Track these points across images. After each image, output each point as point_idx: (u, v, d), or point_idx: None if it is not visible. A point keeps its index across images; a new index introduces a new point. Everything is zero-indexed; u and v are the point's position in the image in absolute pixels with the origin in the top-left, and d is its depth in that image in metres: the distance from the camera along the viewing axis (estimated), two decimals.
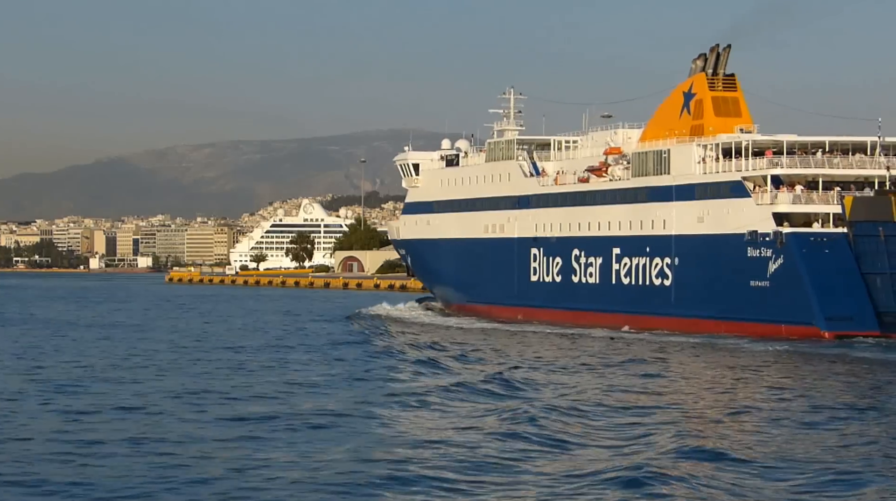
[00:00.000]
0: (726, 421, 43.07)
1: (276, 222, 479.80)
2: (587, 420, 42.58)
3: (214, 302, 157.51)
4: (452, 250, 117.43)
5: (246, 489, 30.87)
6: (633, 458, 34.81)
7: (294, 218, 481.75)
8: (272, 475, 32.62)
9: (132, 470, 33.03)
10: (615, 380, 56.51)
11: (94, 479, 31.97)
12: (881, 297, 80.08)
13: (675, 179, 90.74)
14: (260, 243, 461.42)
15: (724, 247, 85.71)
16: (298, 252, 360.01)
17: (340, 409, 45.77)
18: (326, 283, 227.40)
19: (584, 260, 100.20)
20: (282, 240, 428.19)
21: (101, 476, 32.37)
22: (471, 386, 52.92)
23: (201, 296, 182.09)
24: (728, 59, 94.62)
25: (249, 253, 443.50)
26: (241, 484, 31.39)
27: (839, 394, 51.08)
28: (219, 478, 32.08)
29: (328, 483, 31.47)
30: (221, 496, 30.17)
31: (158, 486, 31.01)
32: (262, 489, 30.92)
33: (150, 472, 32.73)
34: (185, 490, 30.69)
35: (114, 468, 33.38)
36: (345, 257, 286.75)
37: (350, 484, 31.33)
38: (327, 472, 32.89)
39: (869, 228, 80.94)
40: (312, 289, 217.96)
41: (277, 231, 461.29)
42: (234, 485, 31.31)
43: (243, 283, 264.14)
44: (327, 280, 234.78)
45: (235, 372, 61.02)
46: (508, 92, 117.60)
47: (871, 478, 32.05)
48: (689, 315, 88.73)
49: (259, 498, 30.09)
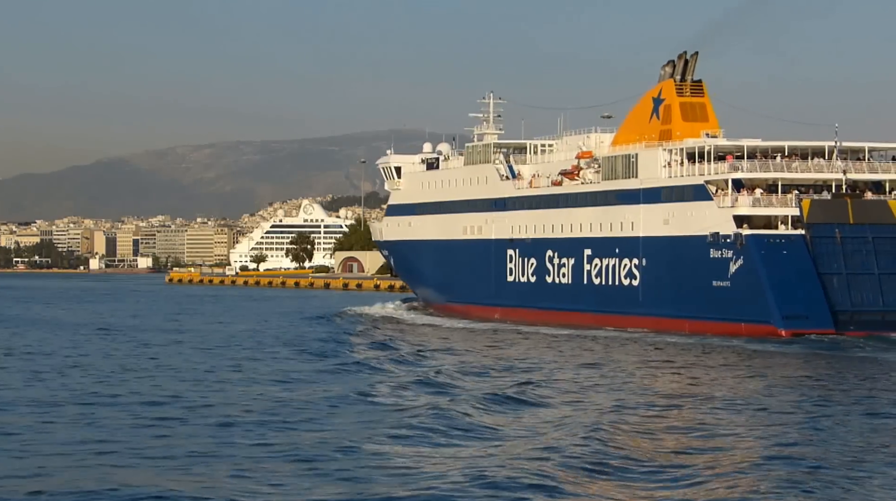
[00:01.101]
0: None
1: (276, 223, 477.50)
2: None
3: (211, 302, 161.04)
4: (433, 251, 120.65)
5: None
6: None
7: (294, 218, 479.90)
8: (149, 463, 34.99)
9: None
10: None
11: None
12: (837, 297, 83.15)
13: (643, 183, 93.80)
14: (260, 244, 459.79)
15: (688, 248, 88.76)
16: (298, 252, 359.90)
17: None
18: (326, 284, 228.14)
19: (557, 261, 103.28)
20: (282, 241, 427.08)
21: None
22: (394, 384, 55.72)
23: (202, 296, 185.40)
24: (696, 66, 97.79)
25: (249, 253, 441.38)
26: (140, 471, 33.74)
27: (729, 390, 53.86)
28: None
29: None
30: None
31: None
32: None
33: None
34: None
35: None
36: (345, 258, 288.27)
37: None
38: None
39: (826, 230, 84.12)
40: (312, 290, 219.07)
41: (277, 231, 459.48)
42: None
43: (243, 284, 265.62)
44: (327, 280, 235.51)
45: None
46: (488, 96, 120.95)
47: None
48: (655, 314, 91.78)
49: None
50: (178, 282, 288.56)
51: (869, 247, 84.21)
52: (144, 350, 76.78)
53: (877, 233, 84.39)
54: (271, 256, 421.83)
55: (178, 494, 30.56)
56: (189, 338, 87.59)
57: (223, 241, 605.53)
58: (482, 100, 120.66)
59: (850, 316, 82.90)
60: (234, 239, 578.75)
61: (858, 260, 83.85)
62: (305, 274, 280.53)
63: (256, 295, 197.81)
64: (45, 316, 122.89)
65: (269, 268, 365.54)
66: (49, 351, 75.21)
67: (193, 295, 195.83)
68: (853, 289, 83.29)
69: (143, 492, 30.66)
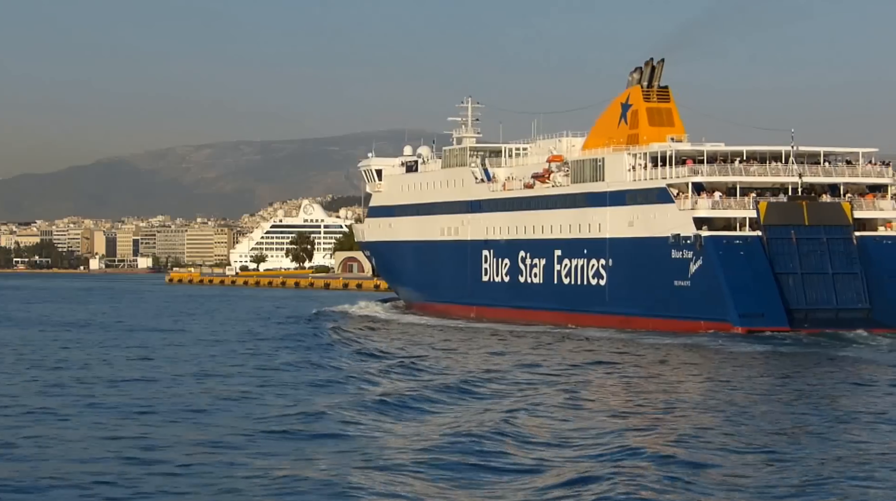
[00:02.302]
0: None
1: (276, 223, 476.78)
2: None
3: (207, 301, 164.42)
4: (412, 252, 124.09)
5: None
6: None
7: (294, 218, 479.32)
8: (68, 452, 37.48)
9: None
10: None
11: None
12: (792, 295, 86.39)
13: (609, 186, 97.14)
14: (260, 244, 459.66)
15: (651, 249, 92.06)
16: (298, 252, 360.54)
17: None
18: (326, 284, 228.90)
19: (529, 261, 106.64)
20: (282, 241, 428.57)
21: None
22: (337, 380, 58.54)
23: (193, 297, 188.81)
24: (662, 73, 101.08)
25: (249, 253, 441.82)
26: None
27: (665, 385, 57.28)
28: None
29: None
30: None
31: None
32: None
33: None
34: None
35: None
36: (345, 258, 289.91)
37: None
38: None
39: (781, 232, 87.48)
40: (312, 290, 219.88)
41: (277, 231, 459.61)
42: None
43: (243, 284, 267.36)
44: (327, 280, 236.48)
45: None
46: (466, 101, 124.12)
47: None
48: (621, 312, 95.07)
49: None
50: (178, 283, 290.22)
51: (823, 247, 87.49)
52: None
53: (831, 235, 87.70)
54: (271, 256, 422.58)
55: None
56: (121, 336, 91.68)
57: (223, 241, 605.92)
58: (461, 105, 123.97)
59: (804, 314, 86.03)
60: (234, 239, 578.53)
61: (813, 260, 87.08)
62: (305, 274, 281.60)
63: (234, 293, 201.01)
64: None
65: (269, 269, 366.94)
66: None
67: (184, 295, 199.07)
68: (808, 288, 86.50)
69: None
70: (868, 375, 59.99)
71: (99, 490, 31.68)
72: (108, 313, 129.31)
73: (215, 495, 31.35)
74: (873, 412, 46.37)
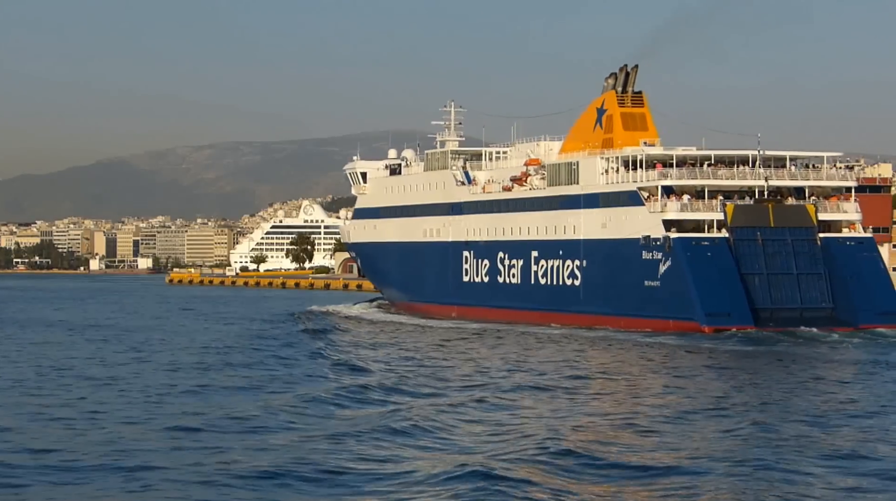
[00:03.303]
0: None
1: (277, 223, 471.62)
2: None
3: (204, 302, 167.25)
4: (396, 253, 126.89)
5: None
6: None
7: (294, 219, 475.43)
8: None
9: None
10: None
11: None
12: (758, 295, 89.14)
13: (583, 189, 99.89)
14: (260, 244, 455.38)
15: (622, 250, 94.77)
16: (299, 253, 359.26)
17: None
18: (327, 284, 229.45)
19: (507, 262, 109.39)
20: (282, 242, 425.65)
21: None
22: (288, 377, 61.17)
23: (185, 297, 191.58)
24: (636, 78, 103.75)
25: (249, 254, 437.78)
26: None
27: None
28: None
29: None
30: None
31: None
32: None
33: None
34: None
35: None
36: (345, 258, 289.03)
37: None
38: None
39: (748, 233, 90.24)
40: (312, 291, 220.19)
41: (277, 232, 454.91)
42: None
43: (243, 285, 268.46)
44: (328, 281, 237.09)
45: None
46: (449, 105, 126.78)
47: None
48: (594, 312, 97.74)
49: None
50: (178, 283, 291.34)
51: (788, 248, 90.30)
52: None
53: (796, 236, 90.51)
54: (271, 257, 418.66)
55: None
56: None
57: (223, 242, 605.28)
58: (444, 109, 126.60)
59: (770, 313, 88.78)
60: (235, 239, 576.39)
61: (778, 260, 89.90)
62: (305, 274, 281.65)
63: (240, 295, 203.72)
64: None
65: (269, 269, 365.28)
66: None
67: (183, 296, 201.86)
68: (773, 288, 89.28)
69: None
70: (820, 372, 62.71)
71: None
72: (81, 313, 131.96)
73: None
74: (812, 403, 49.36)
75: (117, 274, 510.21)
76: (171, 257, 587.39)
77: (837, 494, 31.90)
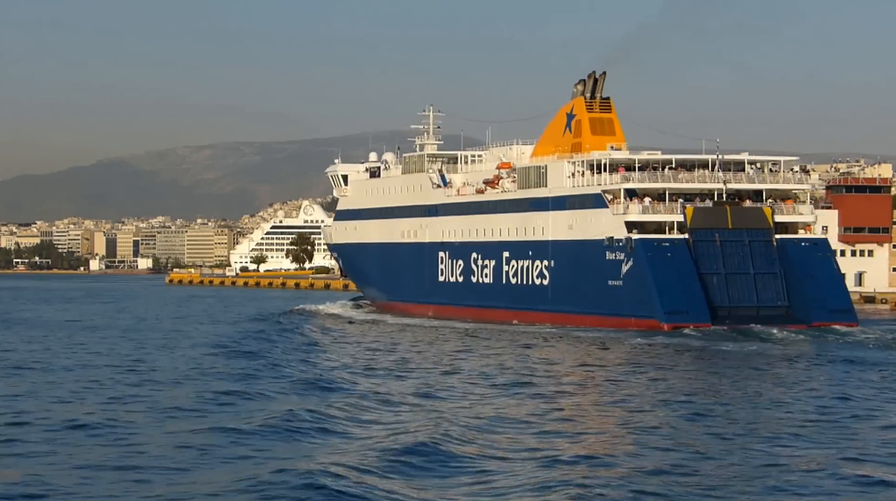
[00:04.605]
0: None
1: (277, 223, 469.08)
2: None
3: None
4: (375, 253, 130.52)
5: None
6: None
7: (294, 219, 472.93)
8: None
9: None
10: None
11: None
12: (716, 294, 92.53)
13: (551, 192, 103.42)
14: (260, 244, 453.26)
15: (588, 251, 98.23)
16: (299, 253, 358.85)
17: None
18: (327, 284, 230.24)
19: (480, 262, 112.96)
20: (282, 242, 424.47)
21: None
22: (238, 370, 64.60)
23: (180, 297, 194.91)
24: (604, 85, 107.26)
25: (249, 254, 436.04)
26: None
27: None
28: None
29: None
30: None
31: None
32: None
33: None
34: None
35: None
36: None
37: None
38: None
39: (706, 234, 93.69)
40: (312, 291, 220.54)
41: (277, 232, 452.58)
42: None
43: (243, 285, 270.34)
44: (328, 281, 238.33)
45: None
46: (428, 109, 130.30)
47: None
48: (562, 310, 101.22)
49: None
50: (178, 284, 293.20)
51: (745, 249, 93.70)
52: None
53: (753, 237, 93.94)
54: (271, 257, 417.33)
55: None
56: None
57: (223, 242, 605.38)
58: (422, 113, 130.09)
59: (727, 311, 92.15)
60: (235, 240, 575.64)
61: (736, 261, 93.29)
62: (305, 274, 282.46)
63: (232, 295, 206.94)
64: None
65: (269, 269, 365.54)
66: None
67: (179, 296, 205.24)
68: (731, 287, 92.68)
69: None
70: (764, 366, 66.18)
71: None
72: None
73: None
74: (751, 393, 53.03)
75: (117, 275, 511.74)
76: (171, 257, 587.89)
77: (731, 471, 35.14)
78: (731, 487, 32.80)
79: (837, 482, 33.60)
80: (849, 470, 34.86)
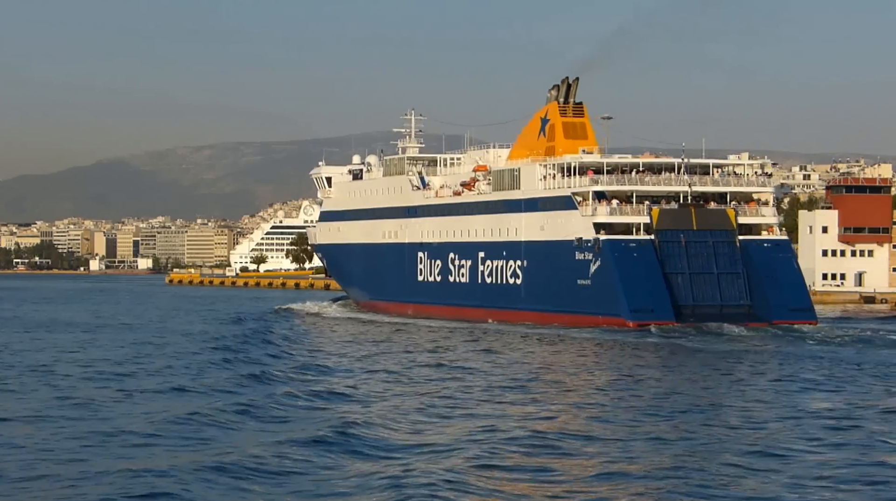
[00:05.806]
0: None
1: (277, 224, 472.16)
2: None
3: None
4: (358, 254, 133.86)
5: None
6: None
7: (294, 219, 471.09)
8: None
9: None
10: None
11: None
12: (681, 293, 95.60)
13: (524, 194, 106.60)
14: (260, 245, 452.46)
15: (558, 251, 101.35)
16: (299, 253, 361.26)
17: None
18: (326, 285, 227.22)
19: (457, 262, 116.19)
20: (282, 242, 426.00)
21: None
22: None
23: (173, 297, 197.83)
24: (577, 90, 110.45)
25: (249, 254, 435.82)
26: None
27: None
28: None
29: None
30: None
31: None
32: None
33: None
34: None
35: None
36: None
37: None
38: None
39: (672, 235, 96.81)
40: (312, 291, 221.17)
41: (277, 232, 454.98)
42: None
43: (243, 285, 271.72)
44: (327, 281, 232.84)
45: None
46: (410, 113, 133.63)
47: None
48: (534, 309, 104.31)
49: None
50: (178, 284, 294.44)
51: (709, 250, 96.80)
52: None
53: (717, 238, 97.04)
54: (271, 257, 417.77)
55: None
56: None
57: (223, 242, 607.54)
58: (404, 117, 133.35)
59: (691, 309, 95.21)
60: (235, 240, 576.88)
61: (700, 261, 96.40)
62: (305, 275, 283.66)
63: (231, 295, 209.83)
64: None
65: (269, 270, 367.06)
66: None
67: (172, 296, 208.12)
68: (695, 287, 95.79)
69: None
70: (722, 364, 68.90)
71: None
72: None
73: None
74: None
75: (117, 275, 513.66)
76: (171, 257, 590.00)
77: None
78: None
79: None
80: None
